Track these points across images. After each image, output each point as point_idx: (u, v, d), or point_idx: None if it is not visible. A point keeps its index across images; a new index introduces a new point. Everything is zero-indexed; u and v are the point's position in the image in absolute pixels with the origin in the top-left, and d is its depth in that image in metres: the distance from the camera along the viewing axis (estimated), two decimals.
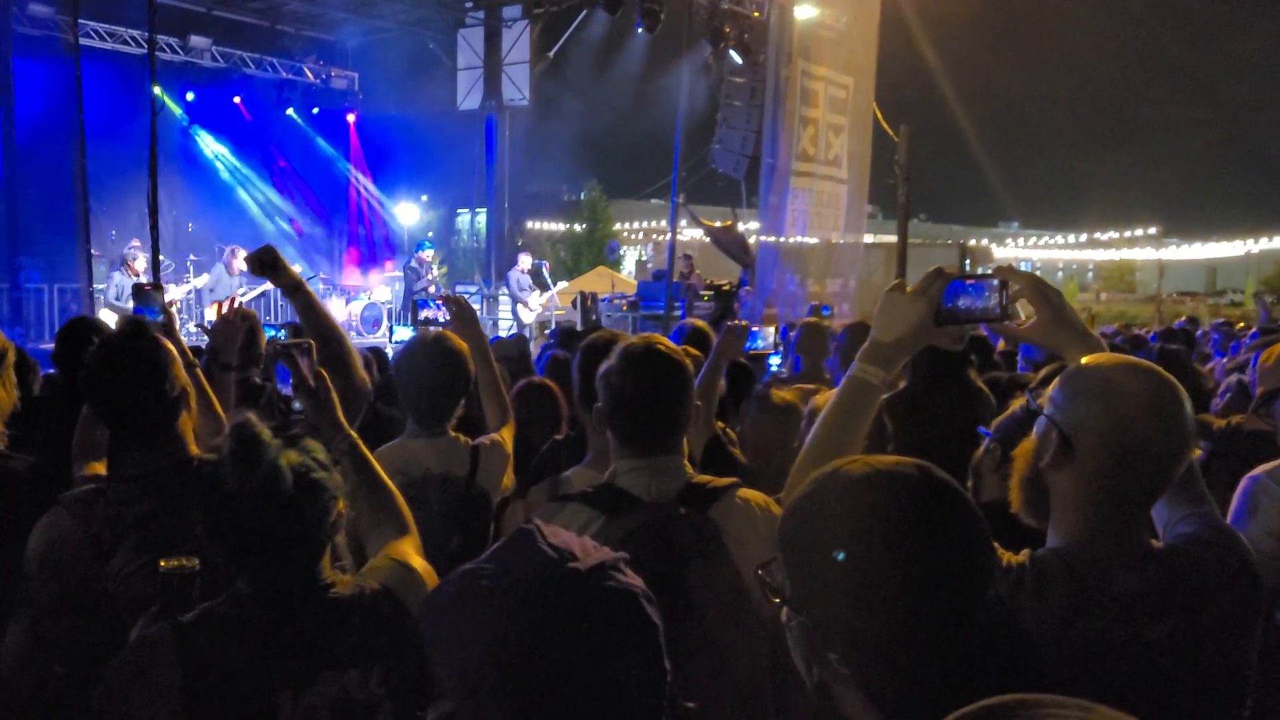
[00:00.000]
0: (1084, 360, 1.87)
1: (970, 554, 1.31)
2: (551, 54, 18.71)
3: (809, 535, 1.36)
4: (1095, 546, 1.78)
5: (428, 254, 16.55)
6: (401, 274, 17.36)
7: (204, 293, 15.15)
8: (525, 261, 16.97)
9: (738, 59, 16.45)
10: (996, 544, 1.74)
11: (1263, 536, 2.82)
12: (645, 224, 44.06)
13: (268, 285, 15.54)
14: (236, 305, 3.32)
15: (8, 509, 2.57)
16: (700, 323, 5.22)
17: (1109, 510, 1.78)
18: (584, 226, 41.50)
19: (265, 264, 3.00)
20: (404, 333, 15.61)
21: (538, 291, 16.86)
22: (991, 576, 1.38)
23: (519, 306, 16.50)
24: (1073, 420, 1.77)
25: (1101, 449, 1.74)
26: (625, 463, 2.48)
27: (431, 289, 15.83)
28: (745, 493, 2.48)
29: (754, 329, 4.97)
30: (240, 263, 15.02)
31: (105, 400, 2.51)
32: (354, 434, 2.43)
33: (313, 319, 2.97)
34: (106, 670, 1.85)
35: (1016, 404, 2.59)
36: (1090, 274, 61.80)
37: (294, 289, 3.01)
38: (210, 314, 13.81)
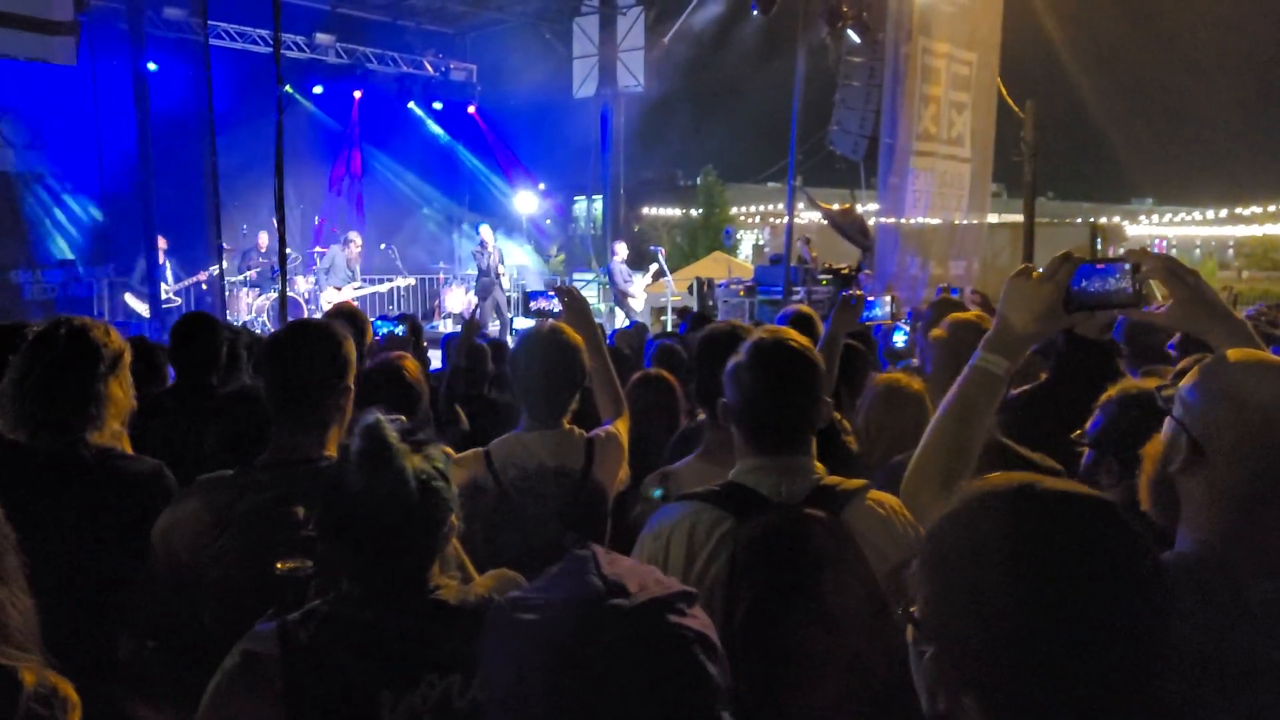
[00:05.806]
0: (1212, 359, 1.73)
1: (1153, 606, 1.16)
2: (666, 39, 18.64)
3: (958, 561, 1.21)
4: (1226, 555, 1.64)
5: (484, 231, 16.96)
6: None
7: (320, 275, 15.61)
8: (622, 250, 16.99)
9: (855, 38, 16.12)
10: None
11: None
12: (762, 208, 43.62)
13: (383, 286, 16.31)
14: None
15: (130, 511, 2.59)
16: (806, 308, 4.99)
17: (1244, 517, 1.64)
18: (699, 211, 41.28)
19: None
20: (522, 323, 15.93)
21: (641, 276, 16.85)
22: (1172, 633, 1.20)
23: (627, 300, 16.52)
24: (1203, 424, 1.66)
25: (1235, 455, 1.62)
26: (751, 460, 2.40)
27: (494, 260, 16.34)
28: (876, 495, 2.37)
29: (870, 298, 4.61)
30: (356, 248, 15.56)
31: (283, 369, 2.51)
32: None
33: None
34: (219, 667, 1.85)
35: (1103, 399, 2.51)
36: (1230, 251, 59.00)
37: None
38: (327, 299, 14.21)
